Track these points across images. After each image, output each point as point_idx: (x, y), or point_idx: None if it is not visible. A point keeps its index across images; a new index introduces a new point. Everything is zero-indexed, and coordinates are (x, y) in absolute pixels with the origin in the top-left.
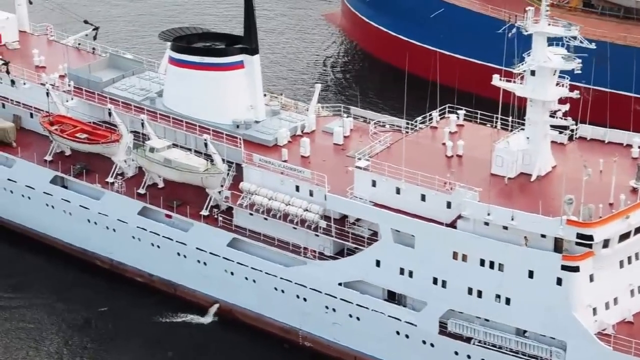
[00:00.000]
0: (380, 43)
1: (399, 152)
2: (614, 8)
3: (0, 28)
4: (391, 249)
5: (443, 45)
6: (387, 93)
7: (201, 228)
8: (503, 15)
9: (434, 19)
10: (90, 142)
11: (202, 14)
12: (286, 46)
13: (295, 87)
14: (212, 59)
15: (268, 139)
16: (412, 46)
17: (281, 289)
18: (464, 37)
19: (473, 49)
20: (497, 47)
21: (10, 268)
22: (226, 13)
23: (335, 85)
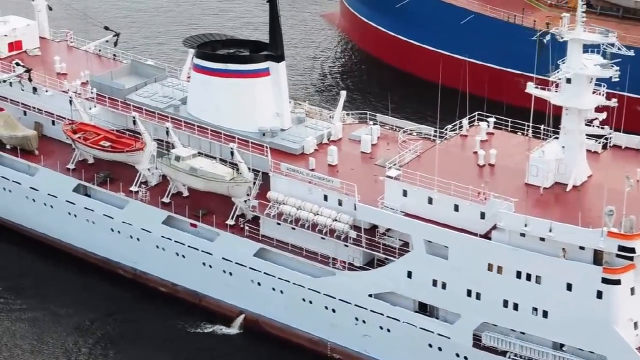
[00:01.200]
0: (380, 43)
1: (430, 161)
2: (612, 8)
3: (21, 35)
4: (423, 260)
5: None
6: (389, 95)
7: (227, 238)
8: (502, 15)
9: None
10: (114, 150)
11: (220, 20)
12: (286, 46)
13: (295, 88)
14: (237, 66)
15: (295, 147)
16: (418, 49)
17: (309, 300)
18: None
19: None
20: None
21: (31, 277)
22: (244, 18)
23: (336, 86)
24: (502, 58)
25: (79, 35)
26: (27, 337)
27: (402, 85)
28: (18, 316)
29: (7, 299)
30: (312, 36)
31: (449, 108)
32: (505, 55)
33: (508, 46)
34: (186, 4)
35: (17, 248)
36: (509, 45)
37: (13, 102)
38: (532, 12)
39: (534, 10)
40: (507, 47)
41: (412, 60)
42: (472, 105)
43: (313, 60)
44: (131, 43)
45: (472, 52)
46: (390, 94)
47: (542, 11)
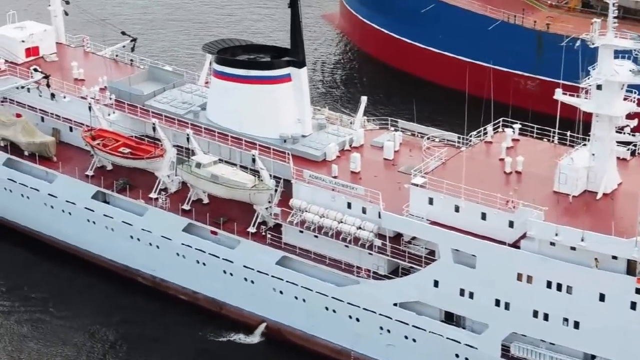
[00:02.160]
0: (381, 44)
1: (456, 168)
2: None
3: (38, 40)
4: (451, 269)
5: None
6: (393, 98)
7: (249, 245)
8: (502, 15)
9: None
10: (134, 157)
11: (238, 26)
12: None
13: None
14: (258, 72)
15: (317, 154)
16: (417, 49)
17: (332, 309)
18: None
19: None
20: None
21: (49, 284)
22: (262, 24)
23: (338, 87)
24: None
25: (95, 40)
26: (44, 345)
27: (406, 87)
28: (35, 324)
29: (26, 306)
30: (312, 36)
31: (455, 111)
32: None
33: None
34: (201, 9)
35: (35, 255)
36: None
37: (31, 108)
38: (532, 13)
39: (534, 10)
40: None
41: (422, 63)
42: (475, 109)
43: (313, 61)
44: (147, 48)
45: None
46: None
47: (543, 11)
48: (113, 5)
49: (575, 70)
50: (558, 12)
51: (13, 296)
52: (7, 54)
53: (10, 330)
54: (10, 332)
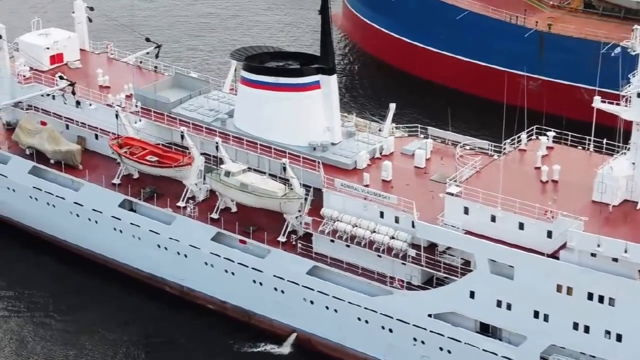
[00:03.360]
0: (383, 45)
1: (491, 177)
2: (614, 9)
3: (62, 47)
4: (487, 279)
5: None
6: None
7: (279, 255)
8: (505, 16)
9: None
10: (162, 165)
11: (260, 32)
12: (287, 47)
13: None
14: (287, 79)
15: (347, 162)
16: (421, 50)
17: (365, 319)
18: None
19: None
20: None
21: (75, 293)
22: (283, 29)
23: (341, 88)
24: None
25: (118, 46)
26: (72, 355)
27: (410, 88)
28: (62, 333)
29: (53, 316)
30: (315, 37)
31: (461, 114)
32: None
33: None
34: (219, 15)
35: (61, 264)
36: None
37: (56, 116)
38: (534, 13)
39: (535, 11)
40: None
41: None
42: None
43: None
44: (169, 54)
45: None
46: (391, 95)
47: (544, 12)
48: (136, 11)
49: (577, 71)
50: (560, 12)
51: (40, 306)
52: (32, 61)
53: (41, 340)
54: (42, 342)
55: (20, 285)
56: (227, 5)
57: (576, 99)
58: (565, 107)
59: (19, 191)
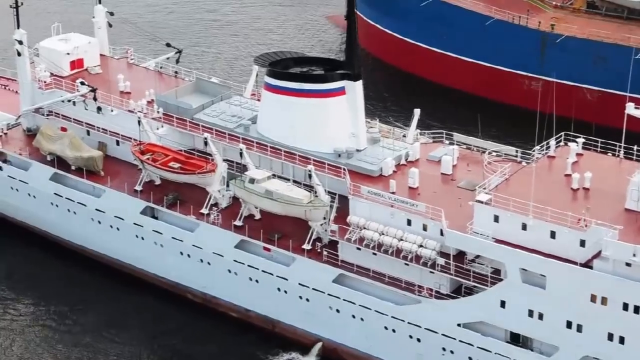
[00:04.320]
0: (387, 46)
1: (521, 184)
2: (617, 9)
3: (83, 52)
4: (519, 289)
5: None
6: (404, 102)
7: (304, 263)
8: (507, 17)
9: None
10: (185, 172)
11: (279, 37)
12: (290, 48)
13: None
14: (312, 85)
15: (373, 169)
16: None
17: (392, 329)
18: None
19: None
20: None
21: (97, 301)
22: (302, 35)
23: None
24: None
25: (137, 51)
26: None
27: (415, 90)
28: (83, 340)
29: (74, 323)
30: (317, 38)
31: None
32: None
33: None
34: (237, 20)
35: (82, 271)
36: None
37: (76, 122)
38: (537, 14)
39: (538, 11)
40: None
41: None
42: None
43: None
44: (189, 60)
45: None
46: (398, 97)
47: (547, 12)
48: (155, 17)
49: (580, 71)
50: (563, 12)
51: (63, 314)
52: (52, 67)
53: (63, 348)
54: (63, 350)
55: (41, 291)
56: (246, 10)
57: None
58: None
59: (39, 198)
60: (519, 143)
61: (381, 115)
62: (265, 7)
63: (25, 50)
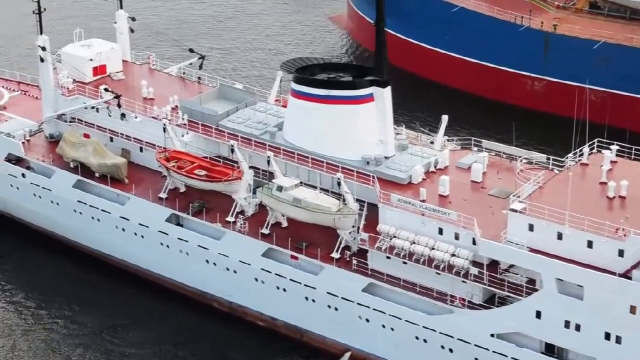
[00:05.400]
0: (390, 45)
1: (555, 192)
2: (620, 9)
3: (105, 59)
4: (555, 299)
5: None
6: (409, 104)
7: (333, 271)
8: (510, 17)
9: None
10: (211, 179)
11: (298, 43)
12: (293, 49)
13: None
14: (340, 92)
15: (402, 176)
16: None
17: (423, 339)
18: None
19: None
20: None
21: (122, 309)
22: (320, 40)
23: None
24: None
25: (158, 57)
26: None
27: (413, 88)
28: (108, 349)
29: (99, 332)
30: (320, 39)
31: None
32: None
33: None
34: (255, 24)
35: (106, 279)
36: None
37: (100, 128)
38: (539, 14)
39: (541, 11)
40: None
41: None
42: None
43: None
44: (209, 65)
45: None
46: (404, 99)
47: (550, 13)
48: (178, 22)
49: (581, 71)
50: (565, 13)
51: (90, 323)
52: (75, 73)
53: (87, 356)
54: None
55: (66, 300)
56: (246, 10)
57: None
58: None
59: (62, 205)
60: (540, 148)
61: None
62: (264, 7)
63: (49, 56)
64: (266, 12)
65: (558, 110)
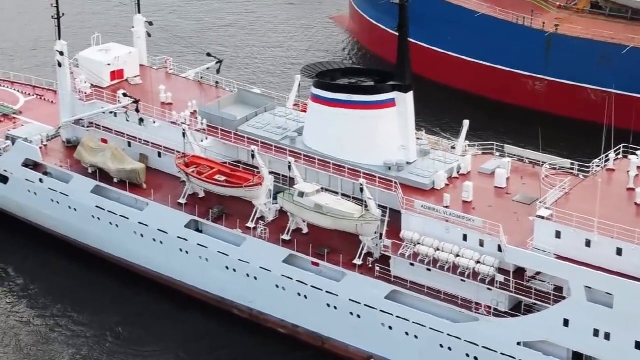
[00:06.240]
0: (391, 46)
1: (581, 198)
2: (621, 10)
3: (123, 63)
4: (583, 307)
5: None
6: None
7: (355, 278)
8: (511, 17)
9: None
10: (232, 185)
11: (315, 48)
12: (295, 49)
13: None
14: (361, 97)
15: (424, 182)
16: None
17: (448, 346)
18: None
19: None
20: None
21: (140, 316)
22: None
23: None
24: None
25: (176, 61)
26: None
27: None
28: (128, 354)
29: (121, 341)
30: (321, 39)
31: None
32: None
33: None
34: (240, 21)
35: (125, 285)
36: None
37: (118, 134)
38: (541, 14)
39: (542, 12)
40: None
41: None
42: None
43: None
44: (227, 70)
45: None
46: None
47: (551, 13)
48: (194, 26)
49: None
50: (567, 13)
51: (107, 330)
52: (92, 78)
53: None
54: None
55: (83, 306)
56: (246, 10)
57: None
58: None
59: (80, 210)
60: (557, 152)
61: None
62: (266, 7)
63: (66, 61)
64: (266, 11)
65: (561, 112)
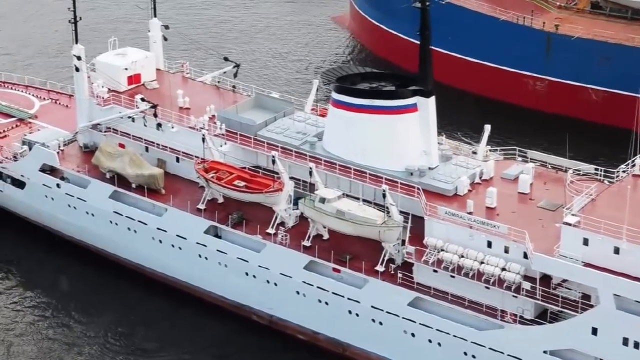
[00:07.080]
0: (392, 46)
1: (608, 205)
2: (622, 9)
3: (140, 67)
4: (612, 316)
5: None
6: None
7: (378, 285)
8: (512, 17)
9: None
10: (252, 191)
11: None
12: (295, 49)
13: (305, 94)
14: (383, 102)
15: (447, 187)
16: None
17: (472, 354)
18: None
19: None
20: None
21: (159, 322)
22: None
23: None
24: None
25: (192, 65)
26: None
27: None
28: None
29: (130, 342)
30: (322, 39)
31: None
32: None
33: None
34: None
35: (142, 291)
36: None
37: (135, 138)
38: (541, 14)
39: (543, 12)
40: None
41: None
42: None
43: (322, 63)
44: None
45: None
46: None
47: (552, 13)
48: (211, 30)
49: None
50: (567, 13)
51: (126, 336)
52: (109, 82)
53: None
54: None
55: (101, 313)
56: (247, 10)
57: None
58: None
59: (98, 216)
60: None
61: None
62: (266, 7)
63: (84, 65)
64: (266, 12)
65: (561, 112)
